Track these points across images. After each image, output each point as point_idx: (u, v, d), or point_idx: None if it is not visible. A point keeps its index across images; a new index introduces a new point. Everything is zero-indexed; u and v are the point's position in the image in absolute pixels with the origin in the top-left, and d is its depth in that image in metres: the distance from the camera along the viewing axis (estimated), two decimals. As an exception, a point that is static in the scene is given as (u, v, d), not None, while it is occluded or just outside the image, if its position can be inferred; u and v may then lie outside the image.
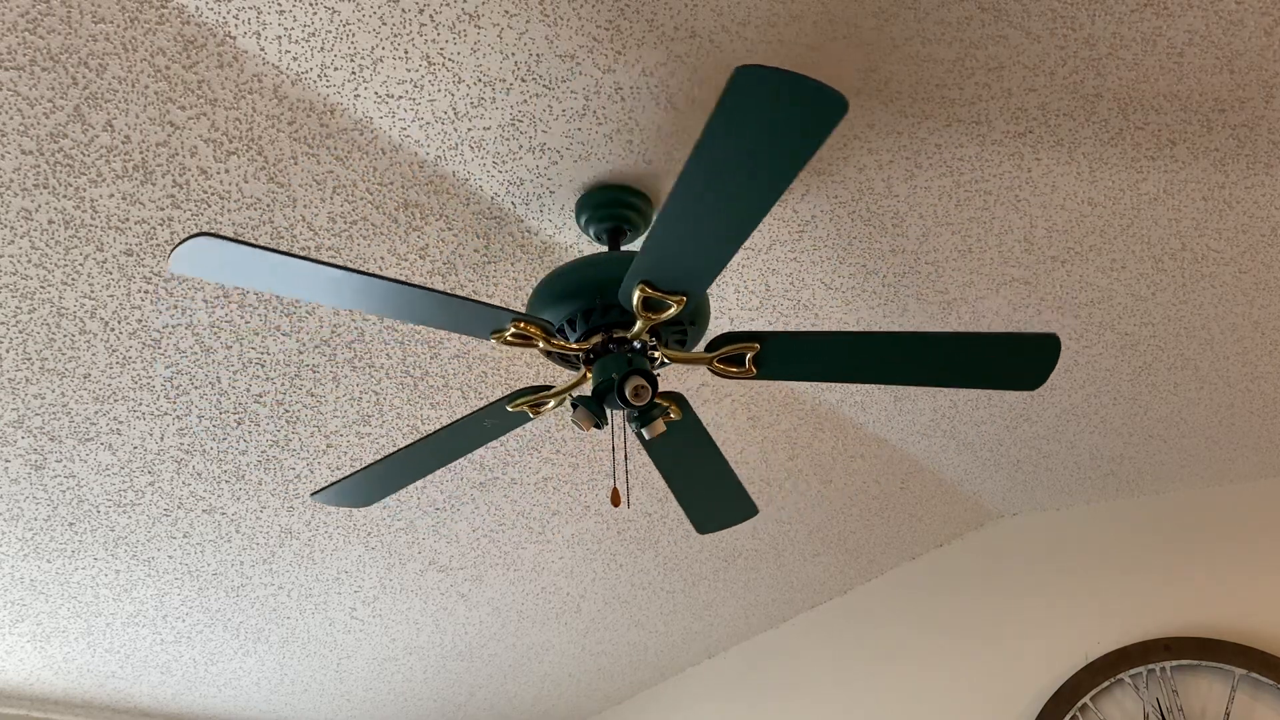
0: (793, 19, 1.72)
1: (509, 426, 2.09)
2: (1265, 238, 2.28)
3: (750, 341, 1.91)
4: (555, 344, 1.92)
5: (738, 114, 1.42)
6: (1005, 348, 1.94)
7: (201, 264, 1.68)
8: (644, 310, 1.80)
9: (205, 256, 1.67)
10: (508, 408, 2.02)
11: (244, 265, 1.71)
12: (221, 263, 1.69)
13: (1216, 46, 1.80)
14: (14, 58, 1.72)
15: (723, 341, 1.94)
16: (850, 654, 4.03)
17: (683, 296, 1.78)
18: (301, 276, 1.71)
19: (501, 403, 2.01)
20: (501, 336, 1.86)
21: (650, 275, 1.74)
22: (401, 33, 1.74)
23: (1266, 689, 3.13)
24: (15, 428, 2.44)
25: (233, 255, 1.67)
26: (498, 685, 4.25)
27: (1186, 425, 3.06)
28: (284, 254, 1.66)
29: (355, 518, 3.03)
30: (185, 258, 1.66)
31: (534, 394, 2.01)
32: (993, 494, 3.62)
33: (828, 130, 1.42)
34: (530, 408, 2.03)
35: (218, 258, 1.68)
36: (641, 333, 1.87)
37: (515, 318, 1.83)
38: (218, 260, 1.68)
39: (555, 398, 2.02)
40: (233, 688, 3.85)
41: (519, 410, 2.03)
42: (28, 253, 2.05)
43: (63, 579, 3.02)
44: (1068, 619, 3.58)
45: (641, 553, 3.54)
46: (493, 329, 1.85)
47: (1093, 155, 2.05)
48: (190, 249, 1.62)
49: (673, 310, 1.81)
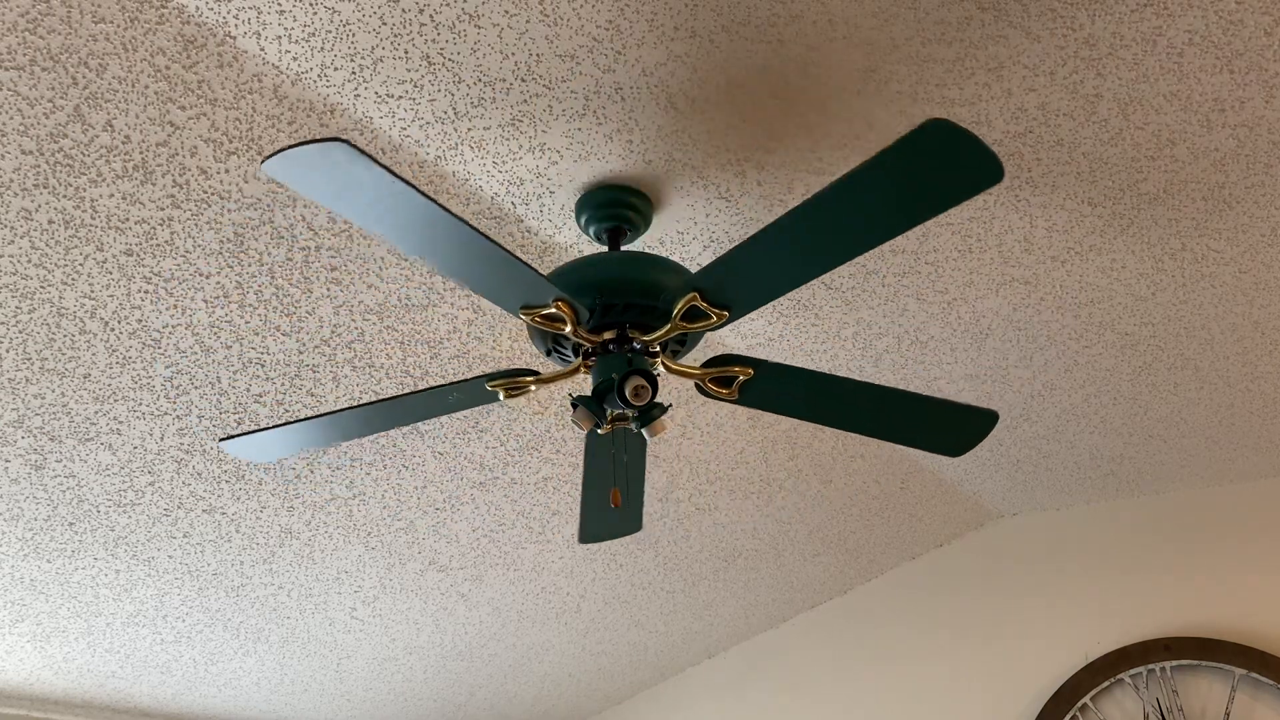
0: (793, 19, 1.72)
1: (472, 404, 2.04)
2: (1265, 238, 2.28)
3: (746, 366, 1.93)
4: (544, 378, 1.93)
5: (906, 159, 1.51)
6: (948, 414, 2.11)
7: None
8: (682, 318, 1.81)
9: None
10: (486, 385, 1.98)
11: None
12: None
13: (1216, 46, 1.80)
14: (14, 58, 1.72)
15: (721, 361, 1.95)
16: (850, 654, 4.03)
17: (725, 312, 1.79)
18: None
19: (481, 379, 1.97)
20: (534, 314, 1.79)
21: (708, 285, 1.75)
22: (401, 33, 1.74)
23: (1266, 689, 3.13)
24: (15, 428, 2.44)
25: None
26: (498, 685, 4.25)
27: (1186, 425, 3.06)
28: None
29: (355, 518, 3.03)
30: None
31: (515, 377, 1.97)
32: (993, 494, 3.62)
33: (972, 194, 1.50)
34: (506, 390, 1.98)
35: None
36: (666, 336, 1.86)
37: (559, 296, 1.77)
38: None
39: (538, 384, 1.99)
40: (233, 688, 3.85)
41: (492, 390, 1.99)
42: (28, 253, 2.05)
43: (63, 579, 3.02)
44: (1068, 619, 3.58)
45: (641, 553, 3.53)
46: (527, 301, 1.77)
47: (1093, 156, 2.05)
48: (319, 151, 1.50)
49: (711, 323, 1.83)
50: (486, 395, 2.00)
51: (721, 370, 1.98)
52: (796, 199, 2.15)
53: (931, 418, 2.09)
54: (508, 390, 1.98)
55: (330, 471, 2.81)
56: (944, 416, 2.09)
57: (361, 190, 1.50)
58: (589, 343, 1.89)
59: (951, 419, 2.10)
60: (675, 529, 3.43)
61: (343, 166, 1.45)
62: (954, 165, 1.54)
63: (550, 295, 1.77)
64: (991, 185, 1.51)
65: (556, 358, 1.98)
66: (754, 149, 2.02)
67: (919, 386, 2.84)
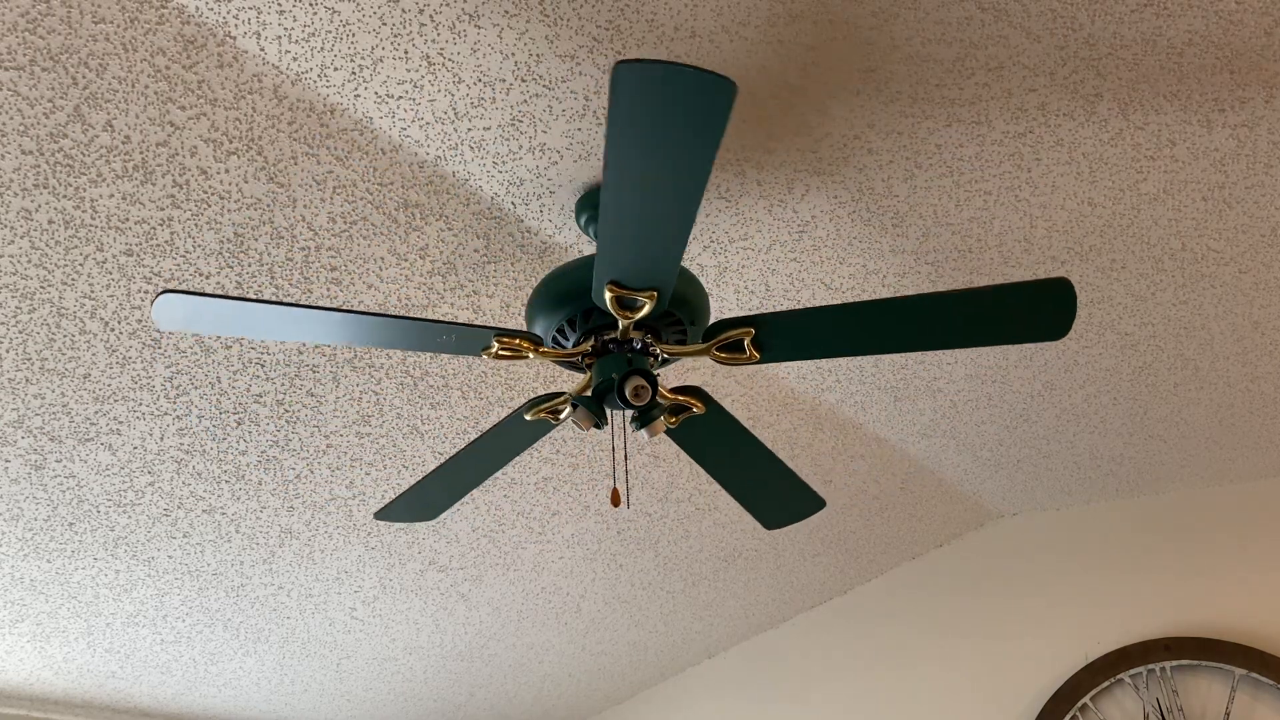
0: (793, 19, 1.72)
1: (537, 435, 2.11)
2: (1265, 238, 2.28)
3: (744, 326, 1.89)
4: (545, 352, 1.93)
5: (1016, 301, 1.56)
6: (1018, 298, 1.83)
7: (178, 319, 1.80)
8: (620, 309, 1.80)
9: (176, 312, 1.78)
10: (526, 417, 2.02)
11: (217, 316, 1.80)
12: (195, 315, 1.80)
13: (1216, 46, 1.80)
14: (14, 58, 1.72)
15: (716, 330, 1.92)
16: (850, 654, 4.03)
17: (652, 291, 1.77)
18: (279, 319, 1.80)
19: (520, 413, 2.02)
20: (491, 352, 1.89)
21: (613, 275, 1.74)
22: (401, 33, 1.74)
23: (1266, 689, 3.13)
24: (15, 428, 2.44)
25: (202, 308, 1.78)
26: (498, 685, 4.25)
27: (1186, 425, 3.06)
28: (254, 300, 1.74)
29: (355, 518, 3.03)
30: (161, 316, 1.78)
31: (547, 402, 2.02)
32: (993, 494, 3.62)
33: (722, 117, 1.42)
34: (549, 414, 2.04)
35: (187, 312, 1.79)
36: (628, 332, 1.86)
37: (498, 334, 1.86)
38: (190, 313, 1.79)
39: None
40: (233, 688, 3.85)
41: (540, 419, 2.04)
42: (28, 253, 2.05)
43: (63, 579, 3.02)
44: (1068, 619, 3.58)
45: (641, 553, 3.54)
46: (481, 346, 1.88)
47: (1093, 155, 2.05)
48: (161, 307, 1.73)
49: (647, 306, 1.80)
50: (543, 425, 2.05)
51: (724, 338, 1.93)
52: (797, 199, 2.15)
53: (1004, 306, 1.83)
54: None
55: (330, 471, 2.81)
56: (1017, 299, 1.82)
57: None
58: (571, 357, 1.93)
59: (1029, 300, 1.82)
60: (675, 529, 3.43)
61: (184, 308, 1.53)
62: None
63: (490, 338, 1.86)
64: (729, 100, 1.43)
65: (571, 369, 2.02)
66: (754, 149, 2.02)
67: (919, 386, 2.85)
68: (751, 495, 2.32)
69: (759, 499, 2.33)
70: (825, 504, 2.38)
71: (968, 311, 1.78)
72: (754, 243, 2.28)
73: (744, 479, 2.27)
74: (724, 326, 1.90)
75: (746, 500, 2.33)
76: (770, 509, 2.37)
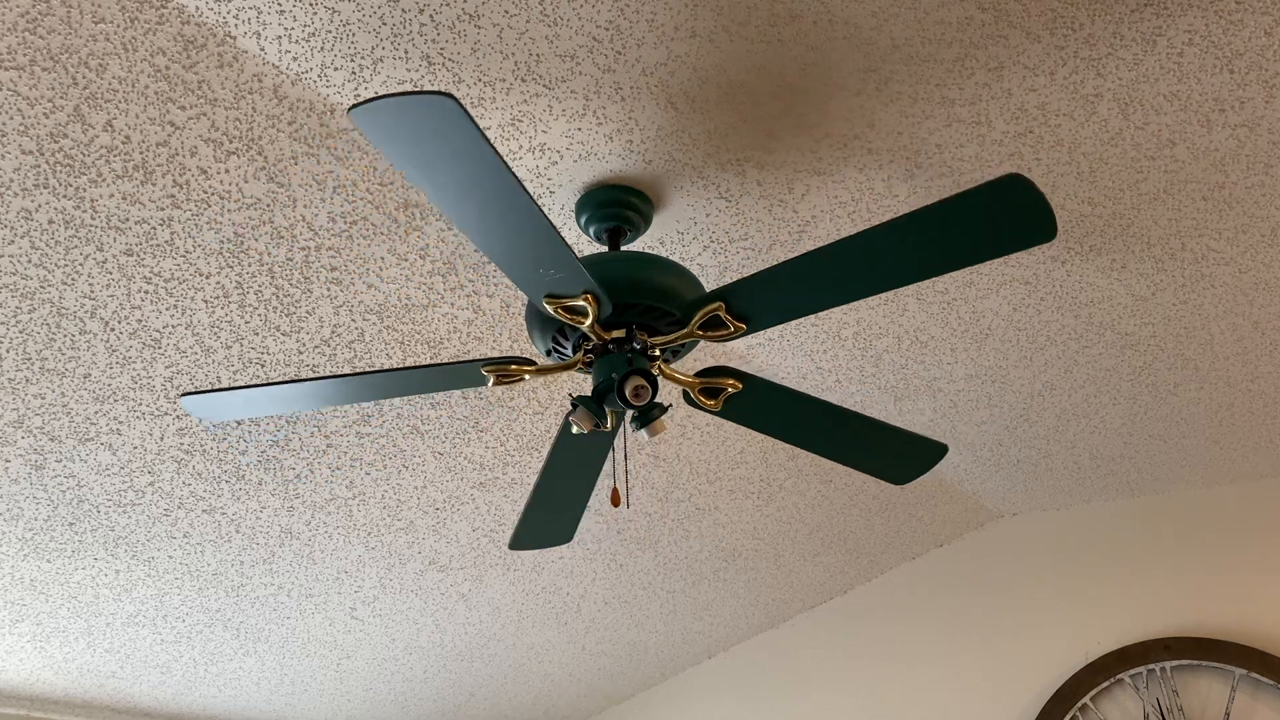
0: (792, 19, 1.72)
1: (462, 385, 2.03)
2: (1265, 238, 2.28)
3: (714, 301, 1.87)
4: (544, 368, 1.93)
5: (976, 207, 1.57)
6: (899, 441, 2.17)
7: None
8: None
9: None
10: (482, 369, 1.96)
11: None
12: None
13: (1216, 46, 1.80)
14: (14, 58, 1.72)
15: (714, 372, 1.99)
16: (850, 654, 4.03)
17: (585, 293, 1.79)
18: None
19: (476, 363, 1.96)
20: (558, 304, 1.82)
21: (737, 298, 1.81)
22: (401, 33, 1.74)
23: (1266, 689, 3.13)
24: (15, 428, 2.44)
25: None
26: (498, 685, 4.25)
27: (1186, 425, 3.06)
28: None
29: (355, 518, 3.03)
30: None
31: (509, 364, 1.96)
32: (993, 494, 3.62)
33: (1020, 249, 1.56)
34: (498, 377, 1.97)
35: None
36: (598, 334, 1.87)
37: (486, 364, 1.91)
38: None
39: (533, 374, 1.96)
40: (233, 688, 3.85)
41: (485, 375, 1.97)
42: (28, 253, 2.05)
43: (63, 579, 3.02)
44: (1068, 619, 3.58)
45: (641, 553, 3.53)
46: (555, 291, 1.80)
47: (1093, 155, 2.05)
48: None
49: (727, 333, 1.89)
50: (477, 378, 1.98)
51: (712, 381, 2.00)
52: (797, 198, 2.15)
53: (884, 445, 2.18)
54: (499, 377, 1.94)
55: (330, 472, 2.81)
56: (896, 444, 2.18)
57: (448, 156, 1.44)
58: (600, 339, 1.89)
59: (903, 448, 2.19)
60: (675, 529, 3.43)
61: (441, 127, 1.39)
62: (1015, 220, 1.61)
63: (581, 287, 1.77)
64: (1042, 243, 1.60)
65: (555, 356, 1.98)
66: (754, 149, 2.02)
67: (919, 386, 2.85)
68: (855, 457, 2.22)
69: (869, 458, 2.22)
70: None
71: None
72: (754, 243, 2.28)
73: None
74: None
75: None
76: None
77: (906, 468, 2.26)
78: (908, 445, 2.19)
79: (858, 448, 2.19)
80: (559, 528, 2.38)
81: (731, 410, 2.07)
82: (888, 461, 2.23)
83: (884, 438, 2.17)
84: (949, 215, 1.63)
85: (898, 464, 2.25)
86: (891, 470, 2.26)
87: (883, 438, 2.17)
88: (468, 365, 1.91)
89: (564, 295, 1.78)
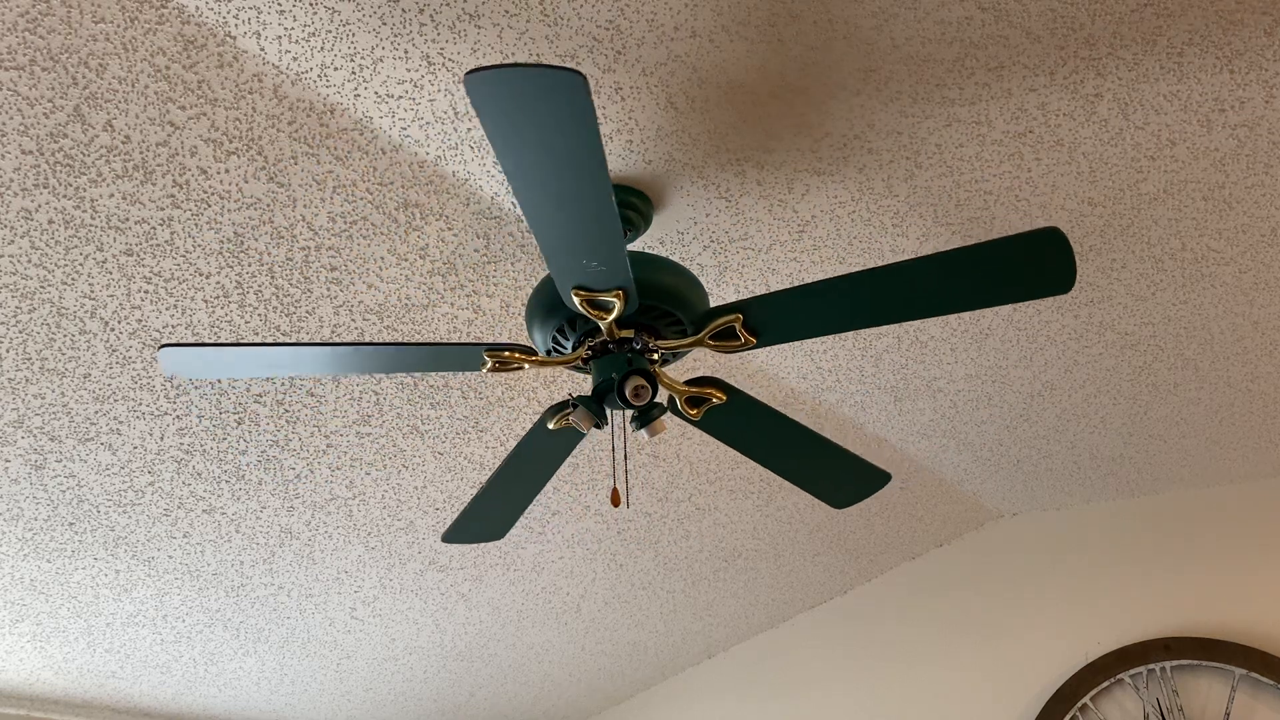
0: (792, 19, 1.72)
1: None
2: (1265, 238, 2.28)
3: (733, 312, 1.87)
4: (543, 360, 1.92)
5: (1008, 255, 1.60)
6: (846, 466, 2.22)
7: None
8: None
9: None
10: (549, 426, 2.00)
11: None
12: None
13: (1216, 46, 1.80)
14: (14, 58, 1.72)
15: (706, 320, 1.91)
16: (850, 654, 4.03)
17: (618, 290, 1.75)
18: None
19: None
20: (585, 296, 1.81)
21: (575, 281, 1.74)
22: (401, 33, 1.74)
23: (1266, 689, 3.13)
24: (15, 428, 2.44)
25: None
26: (498, 685, 4.25)
27: (1186, 425, 3.06)
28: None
29: (355, 518, 3.03)
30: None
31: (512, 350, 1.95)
32: (993, 494, 3.62)
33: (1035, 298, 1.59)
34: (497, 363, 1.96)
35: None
36: (612, 332, 1.85)
37: (488, 349, 1.88)
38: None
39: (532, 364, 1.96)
40: (233, 688, 3.85)
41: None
42: (28, 253, 2.05)
43: (63, 579, 3.02)
44: (1068, 619, 3.58)
45: (641, 553, 3.54)
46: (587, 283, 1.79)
47: (1093, 155, 2.05)
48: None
49: (737, 345, 1.86)
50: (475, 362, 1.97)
51: (700, 390, 1.99)
52: (797, 198, 2.15)
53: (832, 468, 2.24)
54: (498, 364, 1.93)
55: (330, 471, 2.81)
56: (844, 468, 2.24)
57: (554, 132, 1.41)
58: (611, 338, 1.88)
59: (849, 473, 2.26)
60: (675, 529, 3.43)
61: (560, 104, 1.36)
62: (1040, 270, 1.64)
63: (618, 283, 1.75)
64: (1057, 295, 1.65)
65: (554, 354, 1.98)
66: (754, 149, 2.02)
67: (919, 387, 2.85)
68: (807, 478, 2.27)
69: (816, 481, 2.28)
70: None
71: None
72: (754, 243, 2.29)
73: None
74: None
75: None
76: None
77: (848, 492, 2.34)
78: (854, 470, 2.26)
79: (809, 468, 2.25)
80: (495, 525, 2.36)
81: (708, 422, 2.08)
82: (835, 484, 2.31)
83: (835, 461, 2.22)
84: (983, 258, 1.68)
85: (842, 488, 2.32)
86: (834, 493, 2.34)
87: (834, 461, 2.22)
88: (469, 348, 1.89)
89: (596, 289, 1.76)
